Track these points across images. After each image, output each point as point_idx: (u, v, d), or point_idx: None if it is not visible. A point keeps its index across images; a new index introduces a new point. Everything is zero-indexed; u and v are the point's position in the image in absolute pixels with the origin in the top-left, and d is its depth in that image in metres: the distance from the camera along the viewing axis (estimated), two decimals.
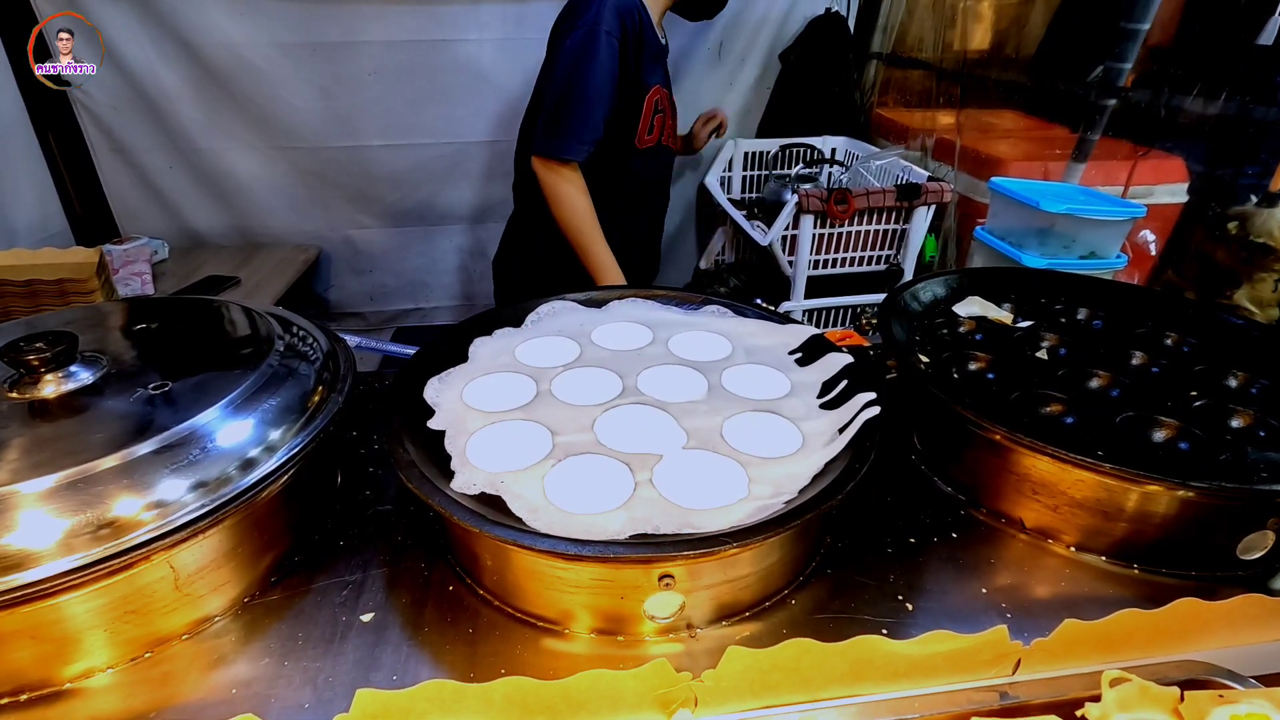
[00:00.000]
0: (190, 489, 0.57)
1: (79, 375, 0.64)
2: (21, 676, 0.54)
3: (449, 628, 0.60)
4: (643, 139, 1.58)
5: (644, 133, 1.57)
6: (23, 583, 0.50)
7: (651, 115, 1.56)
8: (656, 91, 1.56)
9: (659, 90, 1.57)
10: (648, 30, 1.50)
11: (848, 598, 0.64)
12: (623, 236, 1.61)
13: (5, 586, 0.50)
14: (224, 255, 2.29)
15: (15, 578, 0.50)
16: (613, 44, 1.40)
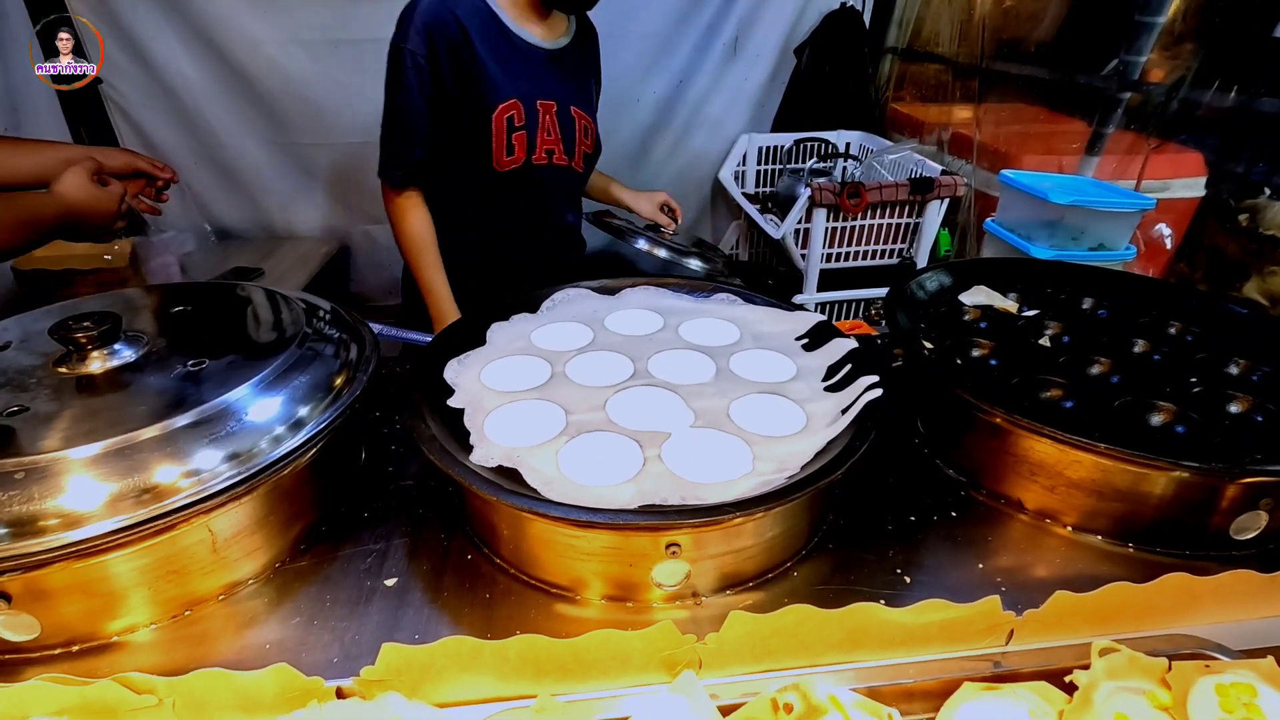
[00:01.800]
0: (225, 459, 0.61)
1: (122, 353, 0.68)
2: (73, 629, 0.58)
3: (467, 593, 0.63)
4: (501, 161, 1.35)
5: (500, 154, 1.34)
6: (76, 539, 0.54)
7: (507, 134, 1.33)
8: (511, 107, 1.32)
9: (515, 105, 1.32)
10: (490, 39, 1.29)
11: (848, 571, 0.66)
12: (511, 266, 1.48)
13: (59, 543, 0.54)
14: (248, 248, 2.34)
15: (68, 535, 0.54)
16: (418, 64, 1.26)
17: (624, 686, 0.56)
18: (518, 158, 1.35)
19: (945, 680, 0.56)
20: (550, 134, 1.38)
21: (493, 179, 1.37)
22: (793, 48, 2.34)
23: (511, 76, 1.31)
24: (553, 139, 1.38)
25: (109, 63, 2.12)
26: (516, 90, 1.31)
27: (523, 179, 1.38)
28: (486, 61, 1.27)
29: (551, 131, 1.38)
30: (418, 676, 0.53)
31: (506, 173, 1.36)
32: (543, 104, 1.35)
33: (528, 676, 0.55)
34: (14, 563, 0.53)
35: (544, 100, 1.35)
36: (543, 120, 1.36)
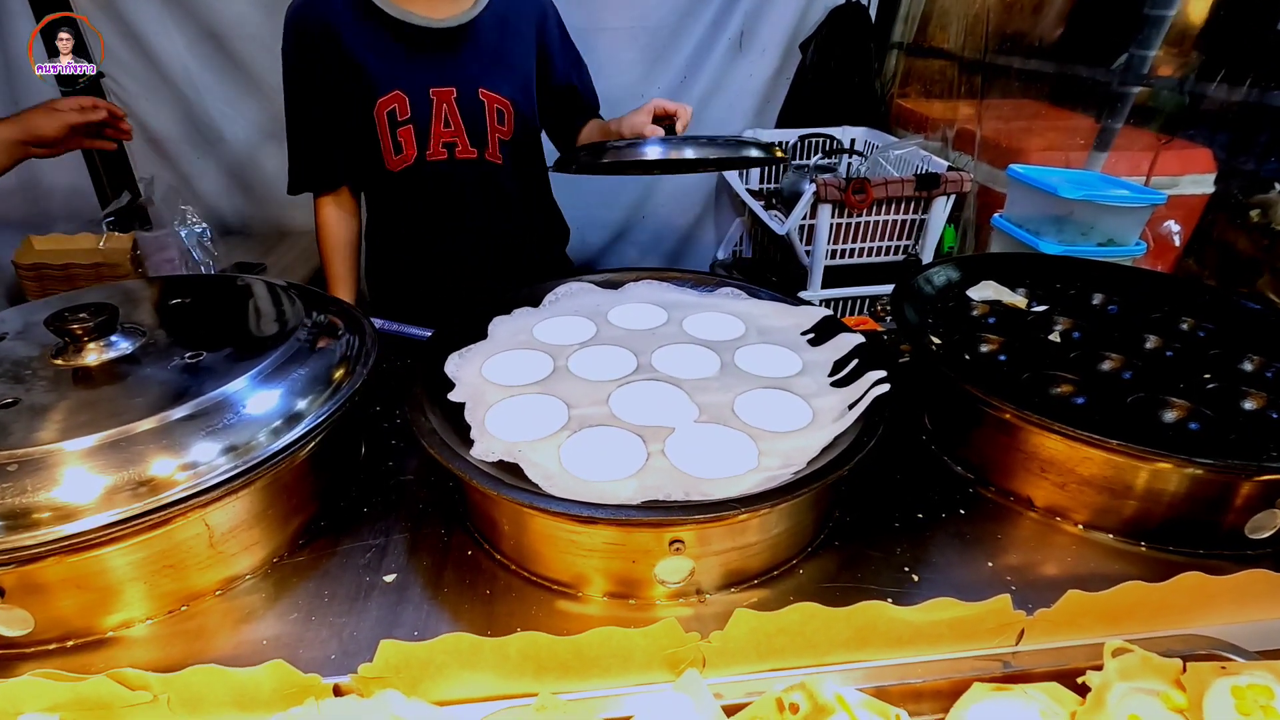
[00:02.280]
0: (222, 452, 0.60)
1: (119, 344, 0.67)
2: (68, 624, 0.57)
3: (467, 589, 0.62)
4: (392, 160, 1.23)
5: (390, 153, 1.22)
6: (70, 533, 0.53)
7: (390, 130, 1.20)
8: (393, 99, 1.19)
9: (398, 97, 1.19)
10: (364, 27, 1.17)
11: (855, 569, 0.65)
12: (446, 269, 1.35)
13: (53, 536, 0.53)
14: (250, 243, 2.33)
15: (62, 528, 0.53)
16: (288, 61, 1.21)
17: (626, 685, 0.55)
18: (407, 155, 1.23)
19: (954, 680, 0.55)
20: (449, 124, 1.22)
21: (389, 180, 1.26)
22: (798, 43, 2.32)
23: (390, 65, 1.18)
24: (452, 130, 1.23)
25: (111, 56, 2.11)
26: (398, 80, 1.18)
27: (420, 178, 1.25)
28: (359, 52, 1.16)
29: (451, 122, 1.22)
30: (417, 674, 0.52)
31: (400, 173, 1.24)
32: (437, 92, 1.20)
33: (529, 674, 0.54)
34: (7, 556, 0.53)
35: (439, 88, 1.19)
36: (438, 110, 1.21)
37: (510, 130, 1.27)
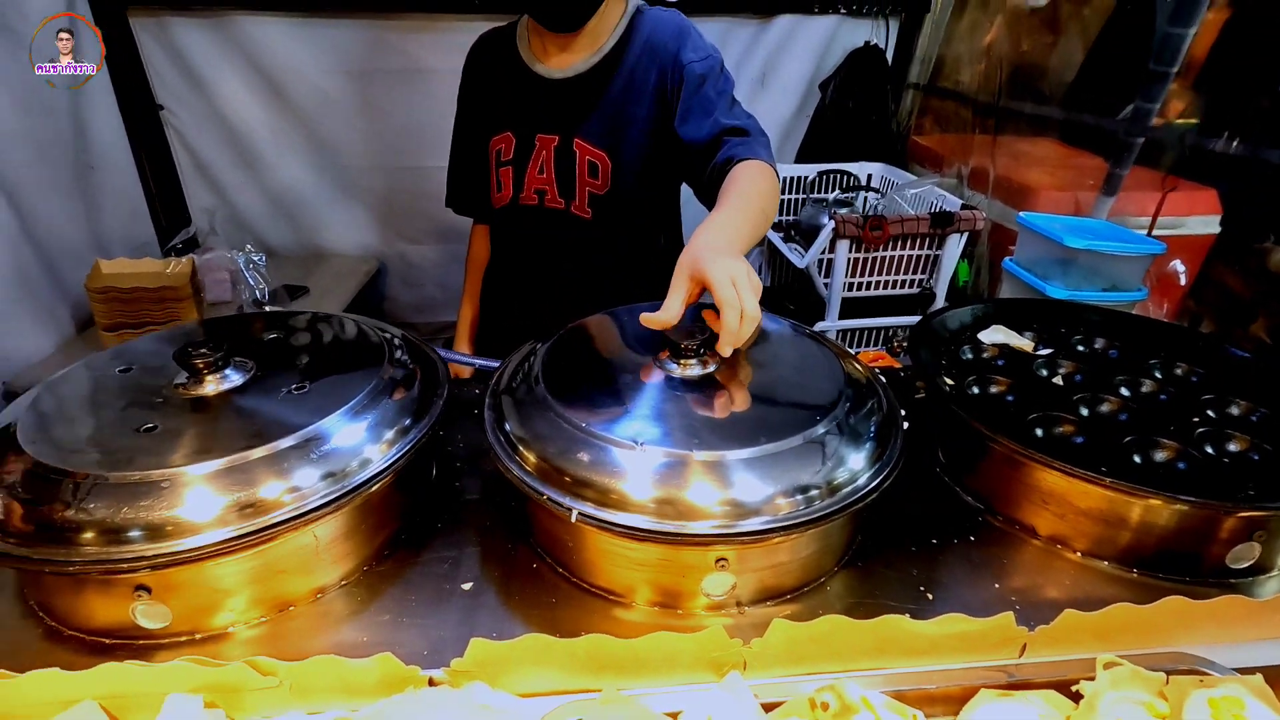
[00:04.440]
0: (321, 477, 0.69)
1: (231, 377, 0.77)
2: (196, 620, 0.66)
3: (534, 598, 0.71)
4: (495, 196, 1.31)
5: (493, 189, 1.30)
6: (204, 543, 0.62)
7: (495, 168, 1.28)
8: (503, 139, 1.25)
9: (507, 137, 1.25)
10: (504, 71, 1.26)
11: (875, 587, 0.73)
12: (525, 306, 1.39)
13: (190, 545, 0.62)
14: (291, 265, 2.45)
15: (197, 539, 0.62)
16: (460, 91, 1.36)
17: (674, 684, 0.63)
18: (505, 195, 1.29)
19: (964, 687, 0.63)
20: (544, 172, 1.25)
21: (495, 216, 1.35)
22: (818, 82, 2.44)
23: (510, 107, 1.25)
24: (545, 178, 1.25)
25: (169, 89, 2.26)
26: (512, 122, 1.24)
27: (513, 219, 1.31)
28: (490, 93, 1.28)
29: (545, 170, 1.25)
30: (499, 669, 0.60)
31: (499, 210, 1.32)
32: (542, 138, 1.24)
33: (591, 672, 0.62)
34: (152, 560, 0.62)
35: (544, 134, 1.24)
36: (536, 155, 1.24)
37: (604, 185, 1.25)
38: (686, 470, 0.67)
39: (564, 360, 0.82)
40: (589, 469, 0.67)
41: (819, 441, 0.70)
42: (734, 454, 0.67)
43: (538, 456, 0.70)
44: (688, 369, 0.79)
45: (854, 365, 0.85)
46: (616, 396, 0.75)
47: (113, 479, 0.63)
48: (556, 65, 1.24)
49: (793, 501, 0.67)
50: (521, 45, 1.26)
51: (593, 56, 1.22)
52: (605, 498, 0.67)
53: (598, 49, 1.22)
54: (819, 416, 0.72)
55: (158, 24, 2.15)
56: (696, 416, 0.73)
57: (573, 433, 0.70)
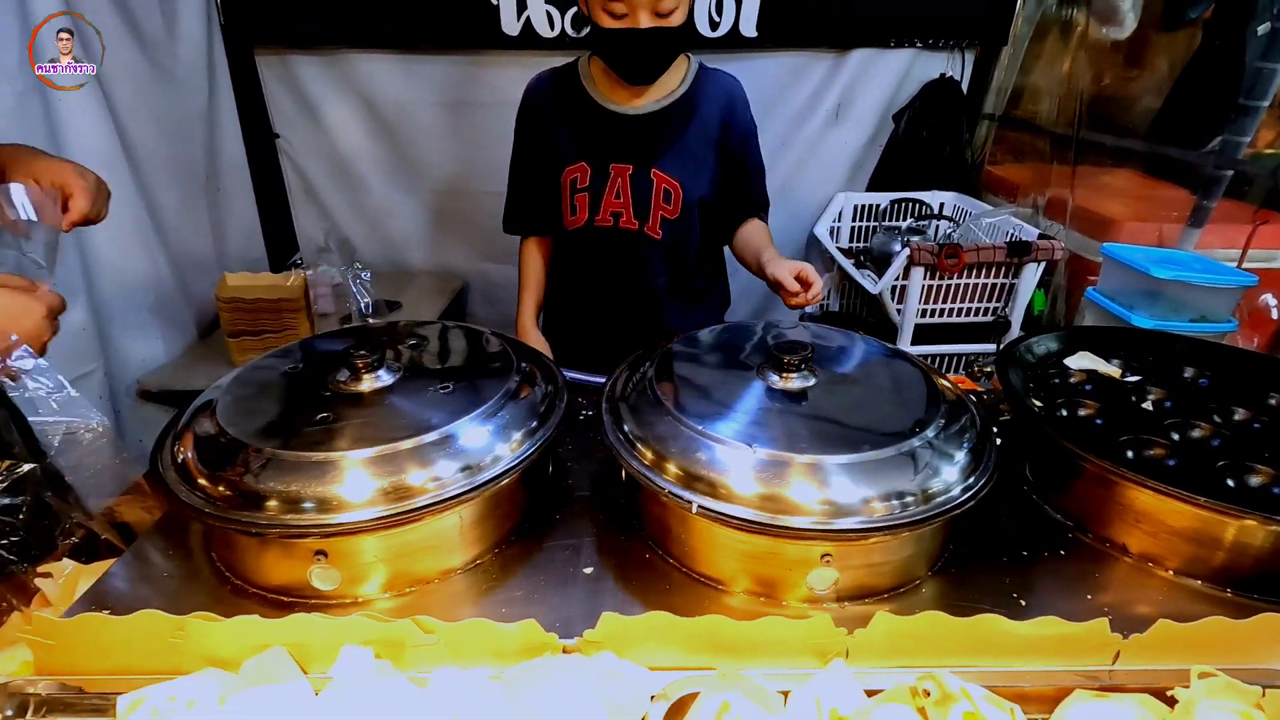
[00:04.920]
0: (459, 470, 0.78)
1: (384, 377, 0.87)
2: (357, 585, 0.76)
3: (648, 583, 0.78)
4: (568, 219, 1.47)
5: (567, 213, 1.47)
6: (371, 516, 0.72)
7: (570, 194, 1.44)
8: (576, 170, 1.42)
9: (582, 167, 1.42)
10: (572, 108, 1.43)
11: (968, 592, 0.77)
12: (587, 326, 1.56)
13: (358, 519, 0.71)
14: (383, 281, 2.60)
15: (366, 513, 0.72)
16: (518, 130, 1.52)
17: (781, 668, 0.68)
18: (580, 218, 1.46)
19: (1058, 687, 0.67)
20: (620, 197, 1.43)
21: (566, 236, 1.52)
22: (891, 114, 2.48)
23: (582, 140, 1.42)
24: (621, 202, 1.43)
25: (284, 119, 2.47)
26: (587, 153, 1.42)
27: (587, 239, 1.48)
28: (562, 128, 1.44)
29: (621, 195, 1.43)
30: (625, 642, 0.67)
31: (573, 231, 1.49)
32: (616, 167, 1.42)
33: (707, 651, 0.68)
34: (328, 530, 0.72)
35: (618, 164, 1.41)
36: (612, 183, 1.42)
37: (676, 210, 1.44)
38: (794, 472, 0.73)
39: (675, 370, 0.90)
40: (705, 467, 0.74)
41: (916, 452, 0.75)
42: (837, 459, 0.73)
43: (655, 455, 0.78)
44: (789, 381, 0.85)
45: (945, 385, 0.90)
46: (727, 404, 0.82)
47: (297, 459, 0.74)
48: (628, 103, 1.42)
49: (889, 505, 0.73)
50: (588, 84, 1.44)
51: (664, 99, 1.42)
52: (717, 493, 0.73)
53: (668, 93, 1.42)
54: (917, 428, 0.77)
55: (280, 61, 2.36)
56: (801, 424, 0.79)
57: (690, 435, 0.77)
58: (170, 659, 0.67)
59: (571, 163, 1.44)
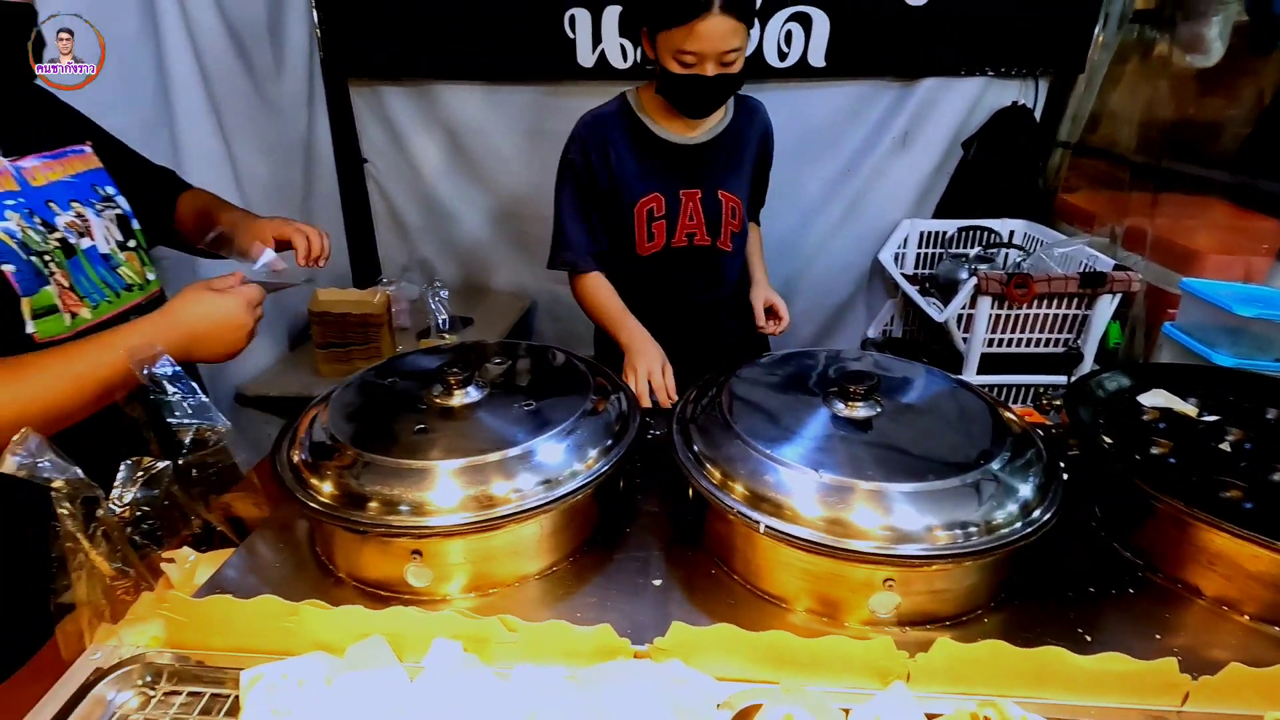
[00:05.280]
0: (539, 483, 0.84)
1: (472, 394, 0.94)
2: (446, 585, 0.83)
3: (715, 597, 0.82)
4: (643, 246, 1.59)
5: (643, 240, 1.58)
6: (459, 521, 0.78)
7: (647, 223, 1.56)
8: (651, 200, 1.54)
9: (655, 198, 1.54)
10: (635, 143, 1.54)
11: (1031, 624, 0.78)
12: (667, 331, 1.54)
13: (450, 523, 0.78)
14: (458, 298, 2.73)
15: (452, 518, 0.78)
16: (572, 167, 1.57)
17: (841, 687, 0.71)
18: (657, 243, 1.59)
19: None
20: (694, 219, 1.59)
21: (636, 262, 1.61)
22: (960, 140, 2.47)
23: (652, 173, 1.55)
24: (695, 223, 1.59)
25: (373, 145, 2.64)
26: (657, 184, 1.55)
27: (663, 260, 1.61)
28: (628, 162, 1.54)
29: (695, 216, 1.58)
30: (693, 650, 0.71)
31: (649, 256, 1.60)
32: (685, 192, 1.56)
33: (770, 665, 0.72)
34: (422, 531, 0.79)
35: (687, 189, 1.56)
36: (684, 207, 1.57)
37: (739, 223, 1.64)
38: (858, 497, 0.76)
39: (743, 395, 0.94)
40: (771, 489, 0.78)
41: (980, 483, 0.77)
42: (901, 486, 0.76)
43: (724, 475, 0.82)
44: (855, 409, 0.88)
45: (1012, 418, 0.91)
46: (793, 429, 0.85)
47: (397, 466, 0.81)
48: (687, 134, 1.58)
49: (952, 534, 0.75)
50: (647, 120, 1.56)
51: (716, 127, 1.59)
52: (783, 514, 0.77)
53: (718, 122, 1.60)
54: (981, 460, 0.79)
55: (371, 91, 2.54)
56: (866, 452, 0.82)
57: (758, 458, 0.81)
58: (283, 641, 0.75)
59: (644, 194, 1.55)
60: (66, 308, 0.95)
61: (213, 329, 0.94)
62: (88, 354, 0.87)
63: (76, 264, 0.98)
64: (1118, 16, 2.27)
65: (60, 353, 0.87)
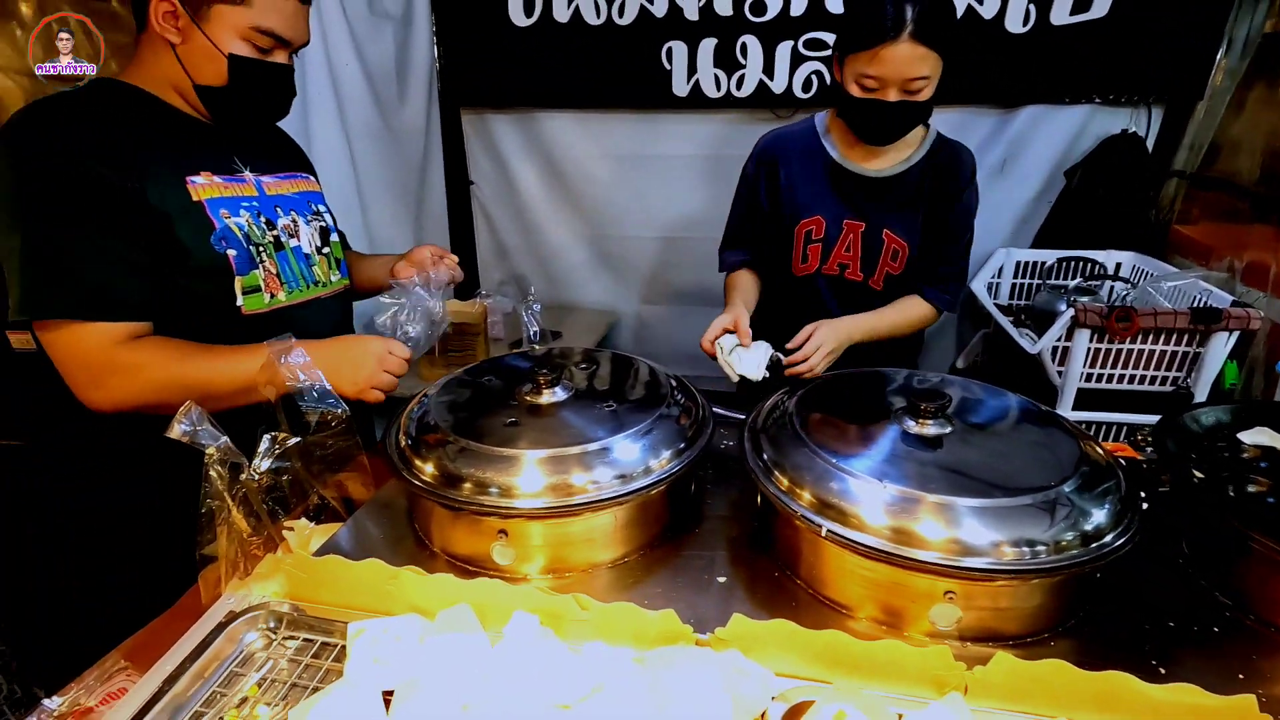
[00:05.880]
0: (614, 476, 0.90)
1: (559, 393, 1.02)
2: (528, 564, 0.90)
3: (776, 599, 0.85)
4: (798, 266, 1.59)
5: (798, 260, 1.58)
6: (538, 506, 0.86)
7: (804, 245, 1.56)
8: (812, 223, 1.54)
9: (817, 221, 1.54)
10: (809, 166, 1.54)
11: (1101, 653, 0.77)
12: None
13: (533, 505, 0.86)
14: (548, 313, 2.87)
15: (536, 502, 0.86)
16: (746, 181, 1.62)
17: (896, 692, 0.73)
18: (810, 265, 1.59)
19: None
20: (850, 250, 1.56)
21: (789, 279, 1.62)
22: (1064, 169, 2.39)
23: (819, 196, 1.54)
24: (850, 255, 1.56)
25: (479, 169, 2.84)
26: (822, 208, 1.54)
27: (811, 285, 1.61)
28: (797, 183, 1.55)
29: (852, 249, 1.55)
30: (751, 643, 0.75)
31: (801, 277, 1.60)
32: (849, 223, 1.54)
33: (826, 664, 0.74)
34: (509, 512, 0.87)
35: (852, 220, 1.54)
36: (844, 237, 1.55)
37: (901, 267, 1.55)
38: (923, 509, 0.78)
39: (815, 407, 0.98)
40: (837, 496, 0.81)
41: (1051, 503, 0.77)
42: (967, 501, 0.77)
43: (791, 482, 0.86)
44: (925, 427, 0.90)
45: (1093, 447, 0.90)
46: (862, 441, 0.88)
47: (490, 452, 0.90)
48: (866, 164, 1.52)
49: (1018, 551, 0.75)
50: (828, 143, 1.54)
51: (902, 163, 1.51)
52: (847, 522, 0.80)
53: (904, 158, 1.51)
54: (1053, 482, 0.79)
55: (479, 119, 2.74)
56: (934, 467, 0.84)
57: (824, 466, 0.84)
58: (383, 601, 0.84)
59: (808, 215, 1.55)
60: (268, 289, 1.16)
61: (339, 363, 1.07)
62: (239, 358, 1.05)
63: (284, 257, 1.19)
64: (1242, 41, 2.15)
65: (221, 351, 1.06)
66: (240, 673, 0.81)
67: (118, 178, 0.99)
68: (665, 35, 2.39)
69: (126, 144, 1.02)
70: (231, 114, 1.15)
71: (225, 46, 1.07)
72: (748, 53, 2.36)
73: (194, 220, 1.07)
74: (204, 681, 0.78)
